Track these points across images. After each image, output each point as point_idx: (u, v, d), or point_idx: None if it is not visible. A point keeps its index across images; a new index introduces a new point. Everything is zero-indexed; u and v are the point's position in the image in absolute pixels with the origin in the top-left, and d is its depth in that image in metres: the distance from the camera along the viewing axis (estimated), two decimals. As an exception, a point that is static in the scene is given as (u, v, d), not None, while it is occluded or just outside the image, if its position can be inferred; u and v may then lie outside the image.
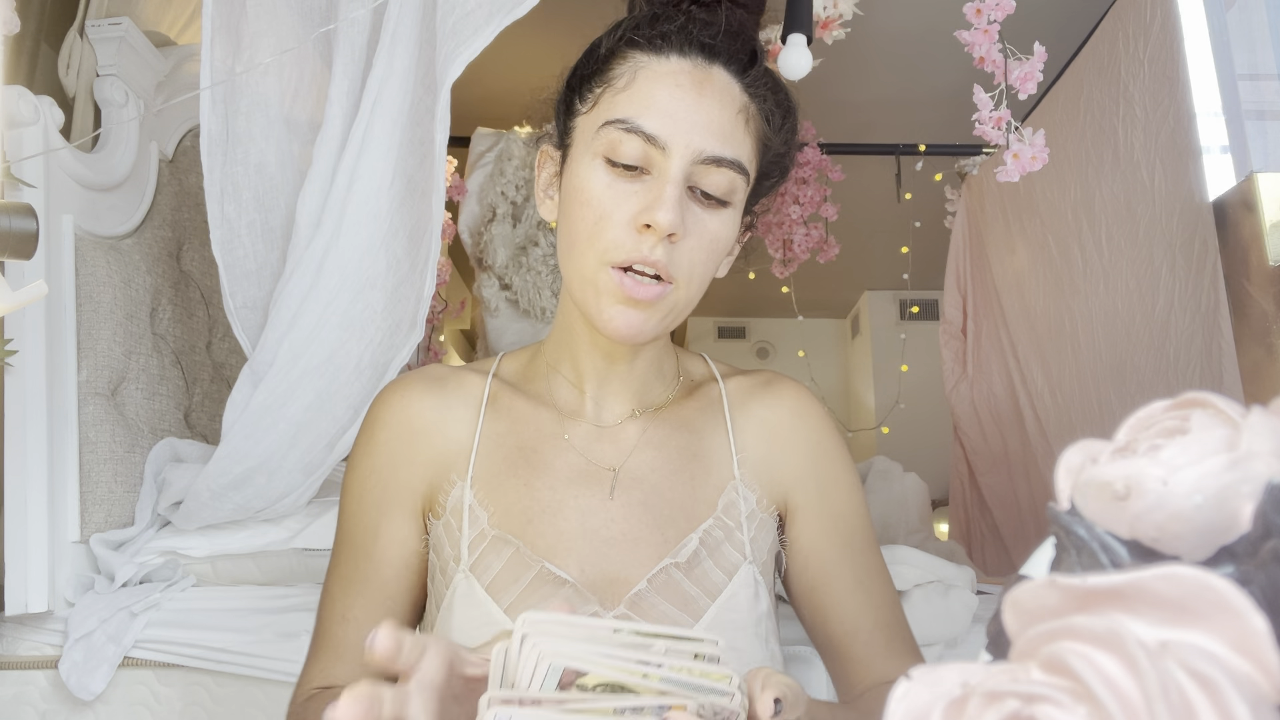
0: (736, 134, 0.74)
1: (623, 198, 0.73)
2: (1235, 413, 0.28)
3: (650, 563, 0.76)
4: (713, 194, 0.74)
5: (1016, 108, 1.38)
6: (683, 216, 0.71)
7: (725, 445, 0.83)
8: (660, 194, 0.71)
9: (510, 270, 2.63)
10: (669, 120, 0.72)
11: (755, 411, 0.85)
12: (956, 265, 2.90)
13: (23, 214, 0.89)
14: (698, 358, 0.92)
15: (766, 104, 0.78)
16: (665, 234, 0.71)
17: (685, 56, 0.75)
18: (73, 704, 1.23)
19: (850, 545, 0.83)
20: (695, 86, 0.74)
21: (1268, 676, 0.22)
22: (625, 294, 0.72)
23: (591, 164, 0.74)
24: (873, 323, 4.96)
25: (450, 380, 0.85)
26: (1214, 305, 1.53)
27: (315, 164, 1.22)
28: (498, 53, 1.13)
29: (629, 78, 0.75)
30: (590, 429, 0.83)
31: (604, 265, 0.73)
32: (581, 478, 0.80)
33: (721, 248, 0.76)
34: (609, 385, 0.83)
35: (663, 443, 0.82)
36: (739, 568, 0.78)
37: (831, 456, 0.85)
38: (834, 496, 0.84)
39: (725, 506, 0.80)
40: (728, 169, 0.73)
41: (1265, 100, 1.50)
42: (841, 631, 0.81)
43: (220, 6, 1.23)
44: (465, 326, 4.40)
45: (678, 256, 0.72)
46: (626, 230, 0.72)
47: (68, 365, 1.31)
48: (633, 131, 0.72)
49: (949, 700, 0.26)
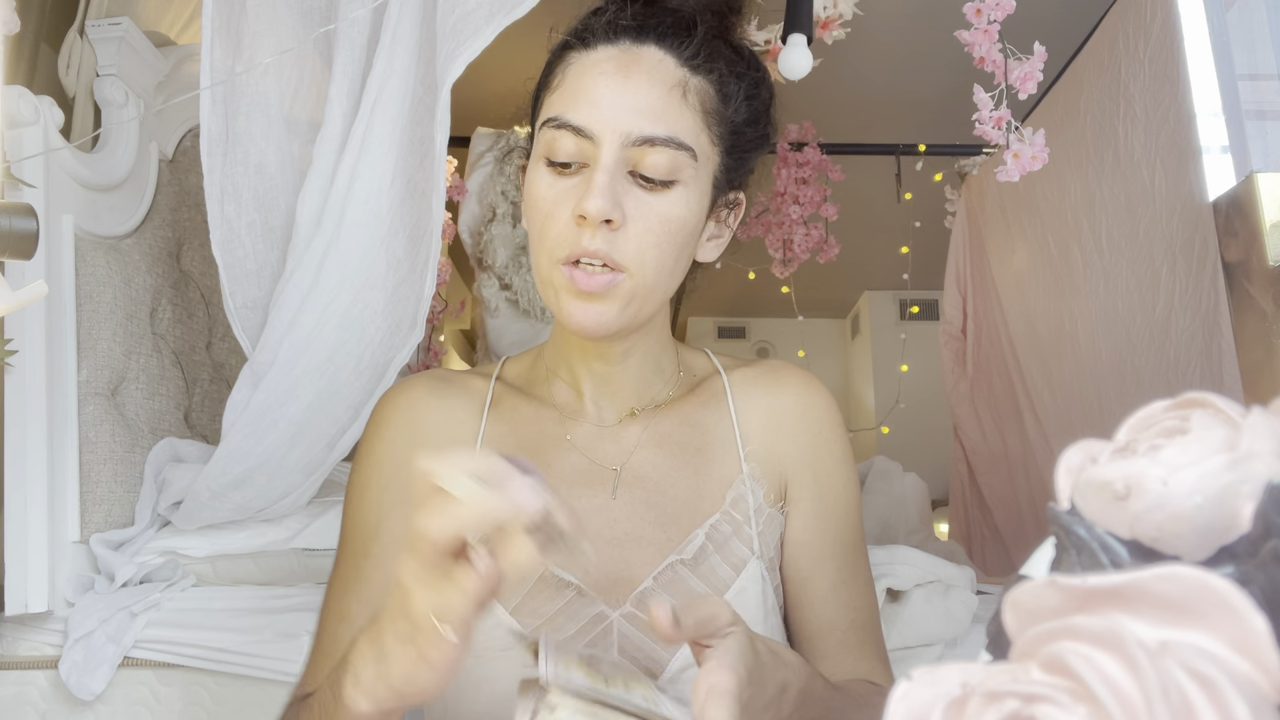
0: (671, 110, 0.72)
1: (563, 195, 0.73)
2: (1235, 413, 0.28)
3: (655, 561, 0.76)
4: (652, 176, 0.72)
5: (1016, 108, 1.38)
6: (619, 202, 0.70)
7: (730, 438, 0.83)
8: (591, 183, 0.70)
9: (510, 270, 2.63)
10: (594, 109, 0.71)
11: (759, 399, 0.85)
12: (956, 265, 2.90)
13: (23, 214, 0.89)
14: (700, 353, 0.91)
15: (714, 74, 0.76)
16: (599, 221, 0.70)
17: (613, 44, 0.74)
18: (73, 704, 1.23)
19: (839, 541, 0.83)
20: (620, 71, 0.73)
21: (1268, 676, 0.22)
22: (576, 287, 0.72)
23: (536, 168, 0.75)
24: (873, 323, 4.96)
25: (454, 383, 0.85)
26: (1214, 305, 1.53)
27: (315, 164, 1.22)
28: (498, 53, 1.13)
29: (561, 76, 0.75)
30: (592, 429, 0.83)
31: (555, 263, 0.73)
32: (584, 478, 0.80)
33: (677, 230, 0.74)
34: (606, 386, 0.83)
35: (665, 440, 0.82)
36: (747, 563, 0.78)
37: (832, 450, 0.85)
38: (829, 491, 0.84)
39: (733, 500, 0.80)
40: (664, 147, 0.71)
41: (1265, 100, 1.49)
42: (817, 627, 0.81)
43: (220, 6, 1.23)
44: (465, 326, 4.40)
45: (622, 243, 0.71)
46: (569, 225, 0.72)
47: (68, 365, 1.31)
48: (562, 127, 0.72)
49: (949, 700, 0.26)
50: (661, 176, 0.72)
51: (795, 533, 0.83)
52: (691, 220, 0.75)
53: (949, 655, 1.25)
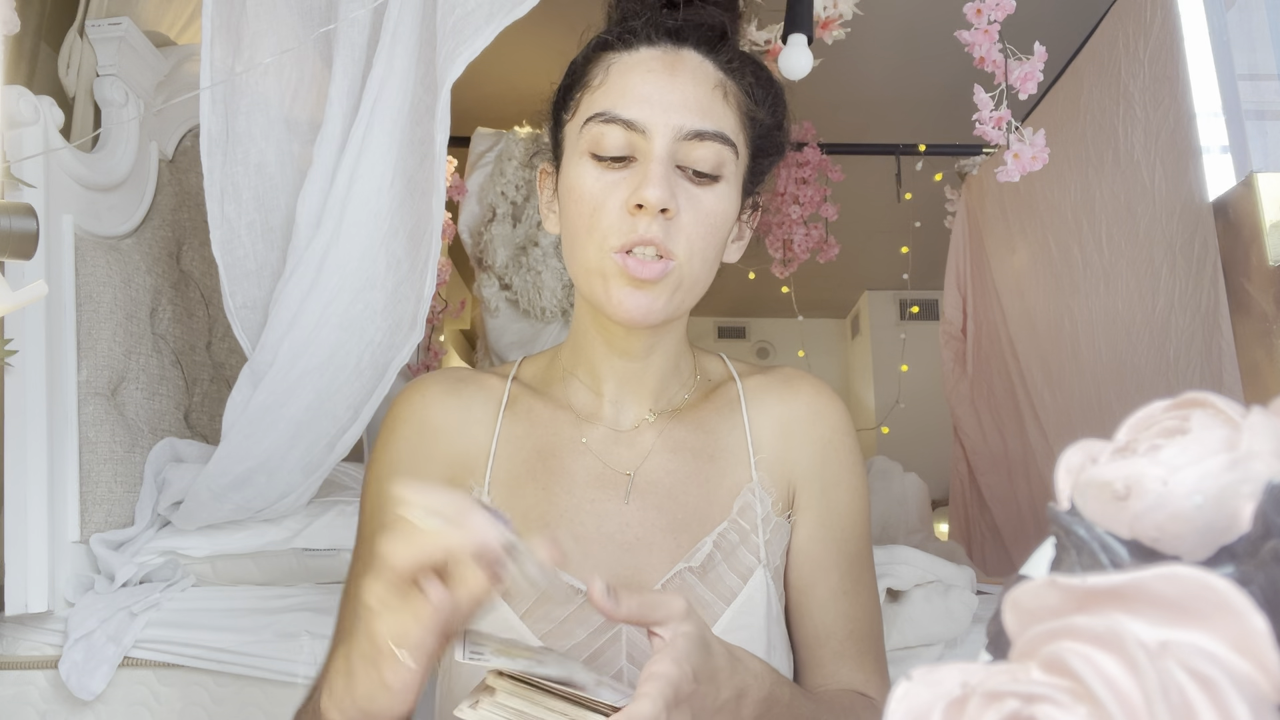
0: (716, 107, 0.75)
1: (613, 186, 0.74)
2: (1235, 413, 0.28)
3: (665, 567, 0.77)
4: (702, 169, 0.74)
5: (1016, 108, 1.38)
6: (673, 193, 0.72)
7: (743, 446, 0.83)
8: (647, 173, 0.72)
9: (510, 270, 2.63)
10: (645, 104, 0.73)
11: (772, 407, 0.85)
12: (956, 265, 2.90)
13: (23, 214, 0.89)
14: (715, 357, 0.92)
15: (745, 79, 0.78)
16: (657, 210, 0.71)
17: (654, 45, 0.76)
18: (73, 704, 1.23)
19: (844, 551, 0.83)
20: (667, 69, 0.75)
21: (1268, 676, 0.22)
22: (630, 275, 0.72)
23: (580, 163, 0.76)
24: (873, 323, 4.96)
25: (471, 382, 0.85)
26: (1214, 305, 1.53)
27: (315, 164, 1.22)
28: (498, 53, 1.13)
29: (603, 75, 0.77)
30: (607, 433, 0.83)
31: (606, 252, 0.73)
32: (598, 482, 0.80)
33: (720, 224, 0.76)
34: (627, 385, 0.83)
35: (679, 446, 0.83)
36: (753, 571, 0.78)
37: (842, 459, 0.85)
38: (837, 500, 0.84)
39: (741, 509, 0.80)
40: (712, 142, 0.73)
41: (1265, 100, 1.49)
42: (814, 635, 0.82)
43: (220, 6, 1.23)
44: (465, 326, 4.40)
45: (675, 232, 0.73)
46: (621, 215, 0.73)
47: (68, 365, 1.31)
48: (612, 121, 0.73)
49: (949, 700, 0.26)
50: (709, 170, 0.74)
51: (800, 541, 0.83)
52: (730, 216, 0.77)
53: (949, 655, 1.25)
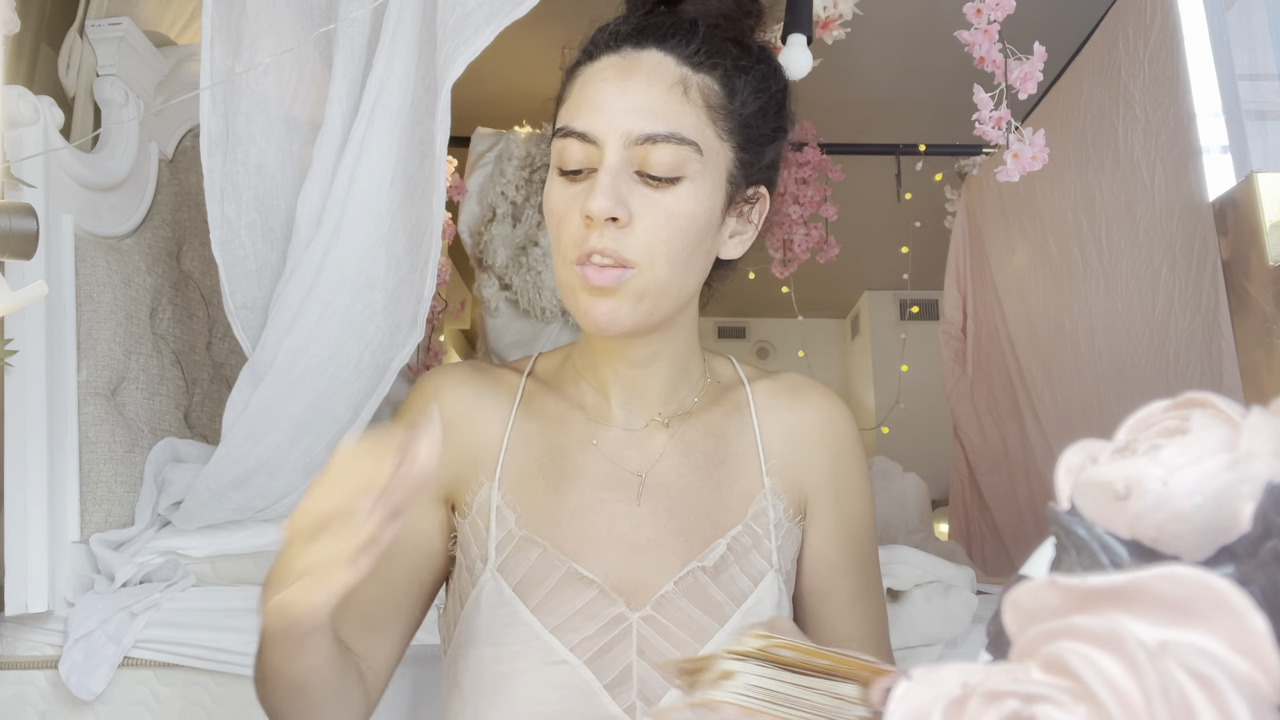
0: (673, 107, 0.74)
1: (574, 199, 0.74)
2: (1235, 413, 0.28)
3: (677, 567, 0.78)
4: (657, 174, 0.73)
5: (1016, 108, 1.38)
6: (623, 200, 0.72)
7: (753, 451, 0.84)
8: (594, 184, 0.72)
9: (510, 270, 2.63)
10: (596, 113, 0.73)
11: (782, 414, 0.86)
12: (956, 265, 2.90)
13: (23, 214, 0.89)
14: (725, 360, 0.93)
15: (718, 70, 0.76)
16: (602, 220, 0.71)
17: (615, 51, 0.76)
18: (73, 704, 1.23)
19: (856, 557, 0.85)
20: (621, 75, 0.75)
21: (1268, 676, 0.22)
22: (587, 283, 0.73)
23: (551, 178, 0.77)
24: (873, 323, 4.96)
25: (487, 375, 0.87)
26: (1214, 305, 1.53)
27: (315, 164, 1.22)
28: (498, 53, 1.13)
29: (570, 89, 0.78)
30: (619, 434, 0.84)
31: (569, 265, 0.74)
32: (609, 483, 0.81)
33: (688, 224, 0.74)
34: (632, 391, 0.84)
35: (690, 449, 0.83)
36: (765, 575, 0.79)
37: (852, 467, 0.87)
38: (849, 507, 0.86)
39: (755, 514, 0.81)
40: (666, 144, 0.73)
41: (1265, 100, 1.49)
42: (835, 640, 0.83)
43: (220, 6, 1.23)
44: (465, 326, 4.39)
45: (630, 240, 0.73)
46: (579, 227, 0.73)
47: (68, 365, 1.31)
48: (569, 135, 0.74)
49: (949, 700, 0.26)
50: (666, 174, 0.73)
51: (815, 547, 0.85)
52: (703, 215, 0.76)
53: (949, 655, 1.25)
